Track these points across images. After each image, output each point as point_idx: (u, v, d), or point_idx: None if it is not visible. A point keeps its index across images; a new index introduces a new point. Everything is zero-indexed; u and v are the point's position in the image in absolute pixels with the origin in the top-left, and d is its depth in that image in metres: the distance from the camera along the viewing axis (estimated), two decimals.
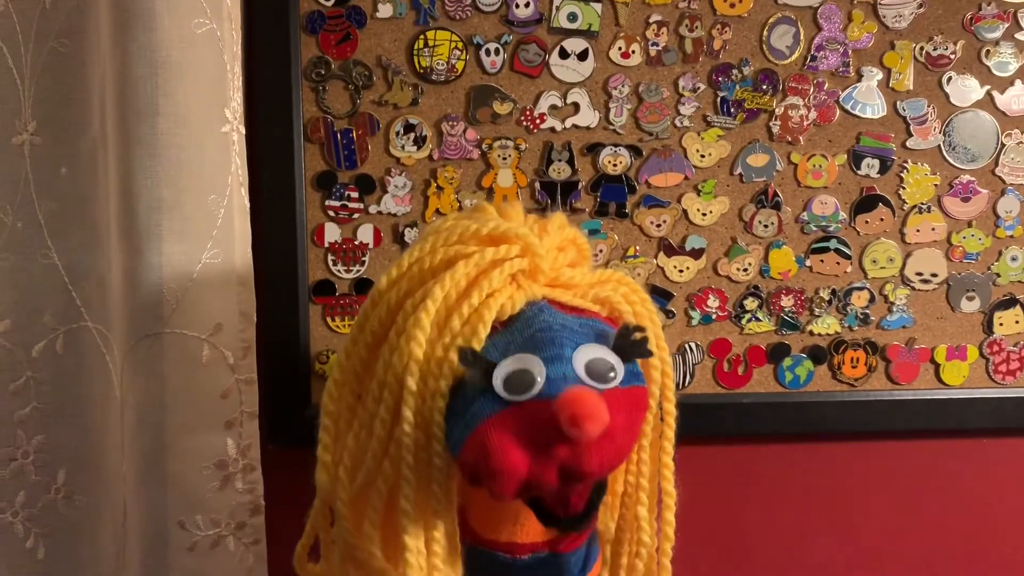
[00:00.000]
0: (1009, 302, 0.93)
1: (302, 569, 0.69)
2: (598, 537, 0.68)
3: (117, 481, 0.81)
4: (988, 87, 0.91)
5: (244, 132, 0.79)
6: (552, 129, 0.90)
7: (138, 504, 0.78)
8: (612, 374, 0.57)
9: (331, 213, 0.90)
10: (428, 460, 0.59)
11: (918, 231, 0.92)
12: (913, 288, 0.93)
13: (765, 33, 0.90)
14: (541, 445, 0.54)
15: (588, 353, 0.58)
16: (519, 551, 0.64)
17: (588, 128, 0.90)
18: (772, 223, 0.91)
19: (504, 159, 0.90)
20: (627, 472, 0.67)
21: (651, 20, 0.89)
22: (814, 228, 0.92)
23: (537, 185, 0.90)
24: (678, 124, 0.90)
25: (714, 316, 0.92)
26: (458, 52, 0.88)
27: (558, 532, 0.62)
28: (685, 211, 0.91)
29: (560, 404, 0.53)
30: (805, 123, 0.91)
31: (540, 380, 0.56)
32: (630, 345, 0.59)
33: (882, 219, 0.92)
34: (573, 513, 0.59)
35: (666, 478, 0.66)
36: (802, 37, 0.90)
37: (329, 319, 0.90)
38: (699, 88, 0.90)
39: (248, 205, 0.80)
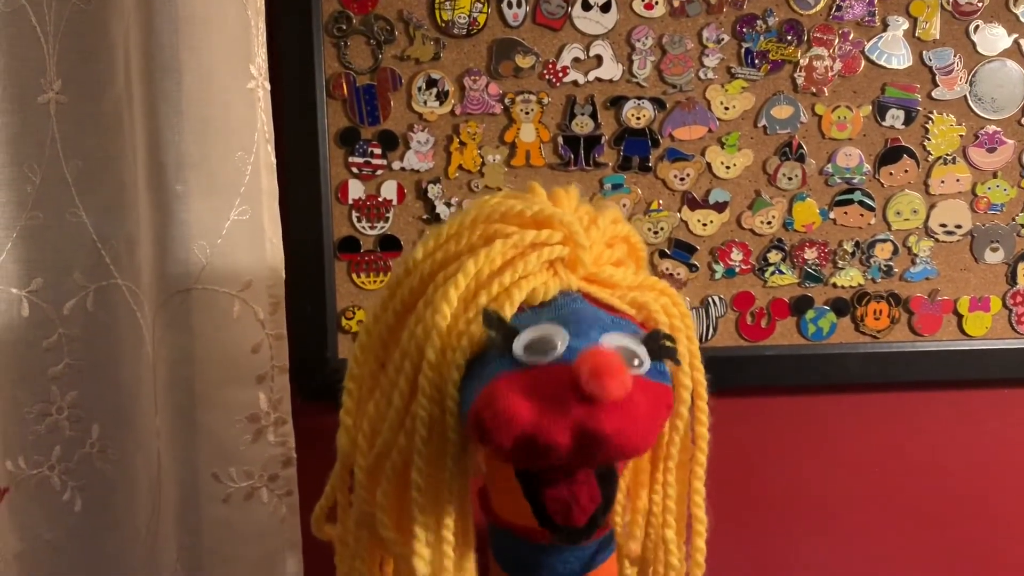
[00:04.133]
0: None
1: (319, 530, 0.69)
2: (615, 540, 0.68)
3: (150, 435, 0.83)
4: (1016, 36, 0.90)
5: (269, 88, 0.79)
6: (575, 82, 0.89)
7: (172, 457, 0.80)
8: (638, 361, 0.55)
9: (354, 170, 0.90)
10: (443, 435, 0.59)
11: (942, 182, 0.92)
12: (937, 240, 0.93)
13: None
14: (555, 401, 0.52)
15: (616, 340, 0.56)
16: (537, 536, 0.63)
17: (611, 81, 0.89)
18: (796, 175, 0.91)
19: (527, 113, 0.89)
20: (652, 491, 0.65)
21: None
22: (838, 180, 0.91)
23: (560, 139, 0.90)
24: (702, 76, 0.89)
25: (737, 269, 0.92)
26: (480, 5, 0.88)
27: (553, 539, 0.60)
28: (709, 164, 0.91)
29: (581, 359, 0.51)
30: (830, 74, 0.90)
31: (562, 346, 0.54)
32: (658, 346, 0.57)
33: (906, 171, 0.92)
34: (573, 524, 0.58)
35: (696, 503, 0.65)
36: None
37: (354, 275, 0.91)
38: (723, 39, 0.89)
39: (274, 162, 0.80)
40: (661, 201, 0.91)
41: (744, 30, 0.89)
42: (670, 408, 0.60)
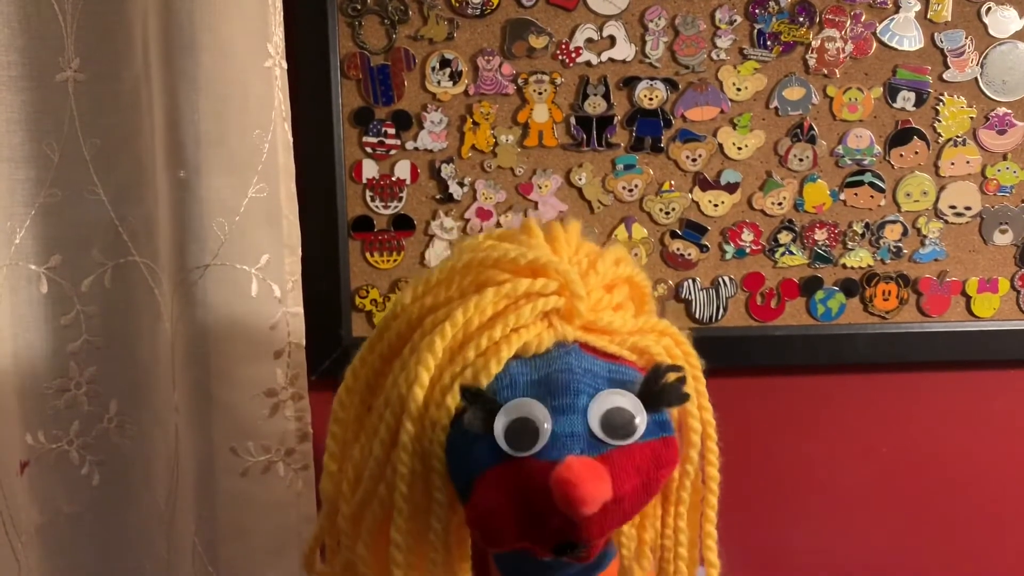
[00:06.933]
0: None
1: (309, 569, 0.68)
2: (615, 550, 0.66)
3: (168, 410, 0.84)
4: None
5: (286, 67, 0.80)
6: (588, 63, 0.90)
7: (191, 432, 0.81)
8: (632, 425, 0.54)
9: (368, 149, 0.90)
10: (427, 491, 0.57)
11: (952, 164, 0.92)
12: (946, 221, 0.93)
13: None
14: (536, 514, 0.51)
15: (606, 402, 0.54)
16: (539, 552, 0.60)
17: (624, 62, 0.90)
18: (807, 157, 0.92)
19: (540, 94, 0.90)
20: (663, 536, 0.63)
21: None
22: (849, 162, 0.92)
23: (572, 120, 0.90)
24: (714, 57, 0.90)
25: (748, 250, 0.93)
26: None
27: (552, 552, 0.59)
28: (720, 145, 0.91)
29: (555, 482, 0.50)
30: (841, 56, 0.90)
31: (546, 430, 0.53)
32: (659, 391, 0.55)
33: (917, 152, 0.92)
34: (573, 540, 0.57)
35: (708, 547, 0.63)
36: None
37: (368, 254, 0.92)
38: (736, 20, 0.89)
39: (291, 140, 0.81)
40: (673, 182, 0.92)
41: (756, 11, 0.89)
42: (673, 462, 0.57)
